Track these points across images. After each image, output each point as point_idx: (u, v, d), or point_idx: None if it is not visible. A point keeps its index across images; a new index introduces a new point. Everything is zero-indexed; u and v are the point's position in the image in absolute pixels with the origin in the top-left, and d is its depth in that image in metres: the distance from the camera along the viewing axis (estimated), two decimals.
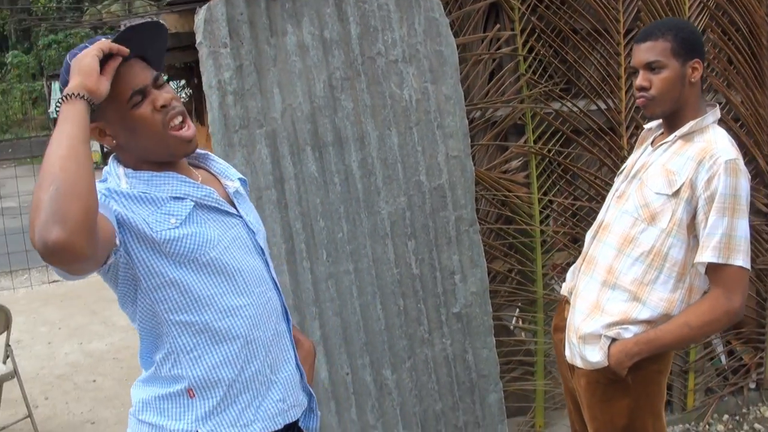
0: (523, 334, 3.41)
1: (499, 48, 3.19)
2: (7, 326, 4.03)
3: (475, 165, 3.11)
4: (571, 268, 2.28)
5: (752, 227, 3.62)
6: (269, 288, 1.62)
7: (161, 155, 1.50)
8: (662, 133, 2.14)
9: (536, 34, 3.21)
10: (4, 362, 4.05)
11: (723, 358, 3.85)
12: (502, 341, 3.20)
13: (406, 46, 2.79)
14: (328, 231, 2.71)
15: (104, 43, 1.38)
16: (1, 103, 32.24)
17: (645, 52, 2.00)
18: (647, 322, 2.01)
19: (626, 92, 3.32)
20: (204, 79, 2.63)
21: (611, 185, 3.30)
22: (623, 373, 2.01)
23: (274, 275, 1.66)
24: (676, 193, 1.95)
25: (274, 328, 1.60)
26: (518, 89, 3.20)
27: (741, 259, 1.90)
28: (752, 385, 3.92)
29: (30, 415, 4.11)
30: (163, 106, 1.46)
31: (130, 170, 1.50)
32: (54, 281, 7.98)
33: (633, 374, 2.02)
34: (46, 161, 1.25)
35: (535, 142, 3.26)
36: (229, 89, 2.61)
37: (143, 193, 1.46)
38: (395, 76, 2.78)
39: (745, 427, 3.74)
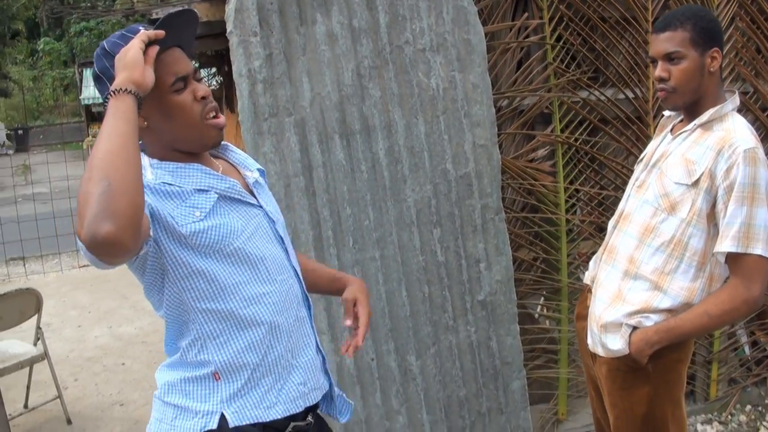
0: (547, 322, 3.43)
1: (527, 36, 3.19)
2: (37, 309, 4.13)
3: (501, 154, 3.12)
4: (594, 257, 2.29)
5: None
6: (290, 275, 1.65)
7: (192, 143, 1.53)
8: (681, 121, 2.13)
9: (564, 23, 3.21)
10: (35, 345, 4.16)
11: (747, 348, 3.84)
12: (526, 329, 3.22)
13: (434, 34, 2.81)
14: (355, 218, 2.75)
15: (144, 33, 1.41)
16: (32, 89, 32.73)
17: (664, 42, 1.98)
18: (668, 311, 2.02)
19: (654, 81, 3.31)
20: (234, 67, 2.67)
21: None
22: (644, 361, 2.02)
23: (295, 263, 1.69)
24: (696, 183, 1.95)
25: (295, 314, 1.63)
26: (546, 78, 3.20)
27: (760, 248, 1.89)
28: None
29: (60, 396, 4.22)
30: (203, 98, 1.50)
31: (155, 161, 1.52)
32: (84, 266, 8.12)
33: (653, 362, 2.04)
34: (95, 155, 1.27)
35: (561, 131, 3.26)
36: (258, 78, 2.65)
37: (168, 185, 1.47)
38: (423, 65, 2.80)
39: None
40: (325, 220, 2.72)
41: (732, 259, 1.94)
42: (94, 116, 25.45)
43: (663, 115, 2.28)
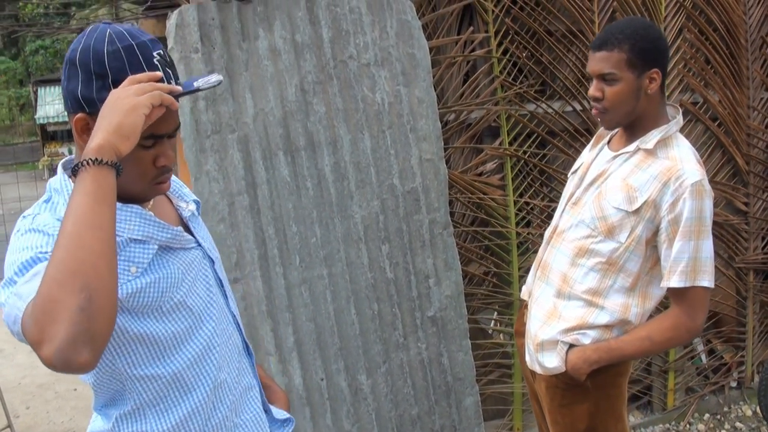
0: (501, 336, 3.41)
1: (473, 50, 3.18)
2: None
3: (450, 167, 3.10)
4: (531, 271, 2.26)
5: (731, 226, 3.65)
6: (230, 323, 1.49)
7: (128, 193, 1.30)
8: (621, 138, 2.06)
9: (510, 36, 3.21)
10: None
11: (703, 357, 3.86)
12: (479, 344, 3.20)
13: (379, 49, 2.78)
14: (301, 236, 2.70)
15: (157, 95, 1.17)
16: None
17: (599, 61, 1.91)
18: (605, 326, 2.00)
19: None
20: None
21: None
22: (582, 379, 2.00)
23: (234, 309, 1.54)
24: (637, 211, 1.91)
25: (237, 367, 1.49)
26: (493, 91, 3.20)
27: (707, 279, 1.89)
28: (733, 384, 3.93)
29: (9, 425, 4.08)
30: (163, 167, 1.31)
31: None
32: None
33: (592, 378, 2.01)
34: (68, 245, 1.04)
35: (510, 144, 3.26)
36: (200, 94, 2.59)
37: None
38: (367, 80, 2.77)
39: (726, 426, 3.75)
40: (271, 238, 2.67)
41: (677, 290, 1.92)
42: (50, 135, 25.03)
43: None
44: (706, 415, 3.83)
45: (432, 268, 2.87)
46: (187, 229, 1.45)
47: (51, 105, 20.67)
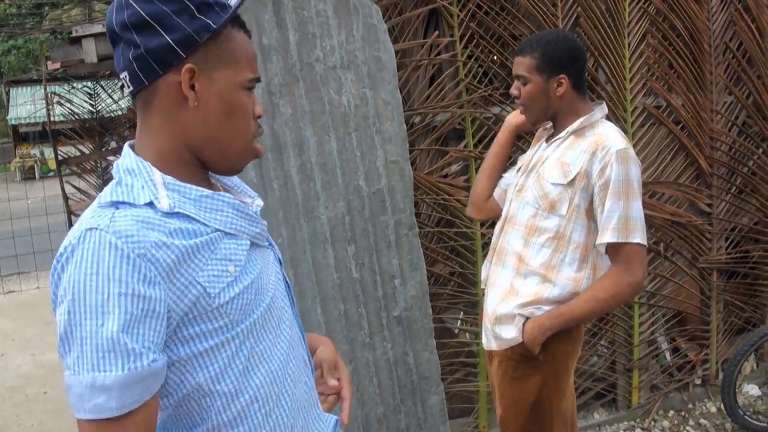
0: (466, 335, 3.45)
1: (438, 54, 3.22)
2: None
3: (416, 169, 3.14)
4: (484, 263, 2.41)
5: (695, 227, 3.72)
6: (297, 331, 1.34)
7: (225, 160, 1.18)
8: (554, 132, 2.30)
9: (476, 40, 3.25)
10: None
11: (667, 355, 3.93)
12: (444, 343, 3.23)
13: (345, 52, 2.81)
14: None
15: None
16: None
17: (517, 65, 2.21)
18: (557, 301, 2.16)
19: None
20: None
21: None
22: (536, 350, 2.16)
23: (297, 315, 1.37)
24: (571, 183, 2.11)
25: (305, 382, 1.31)
26: (458, 94, 3.24)
27: (638, 236, 2.07)
28: (698, 381, 4.00)
29: None
30: (259, 117, 1.22)
31: (170, 178, 1.12)
32: (9, 292, 7.87)
33: (543, 353, 2.17)
34: None
35: (475, 146, 3.30)
36: None
37: (190, 224, 1.10)
38: (334, 82, 2.80)
39: (691, 422, 3.82)
40: None
41: (613, 249, 2.10)
42: (22, 137, 24.68)
43: (539, 128, 2.42)
44: (671, 412, 3.90)
45: (398, 268, 2.90)
46: None
47: (23, 106, 20.36)
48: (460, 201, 3.23)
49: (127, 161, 1.14)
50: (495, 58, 3.32)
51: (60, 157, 5.58)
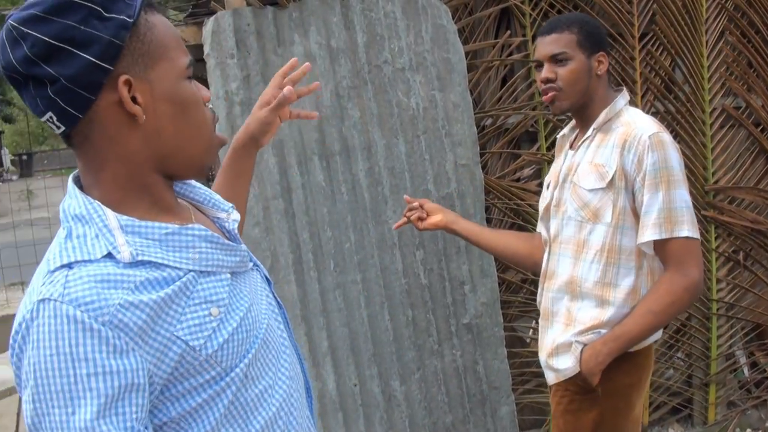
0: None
1: (510, 54, 3.15)
2: None
3: (487, 173, 3.07)
4: (539, 290, 2.20)
5: None
6: (294, 357, 1.20)
7: (193, 161, 1.04)
8: (578, 135, 2.11)
9: None
10: None
11: (746, 370, 3.75)
12: (515, 353, 3.15)
13: (413, 54, 2.77)
14: (336, 241, 2.69)
15: None
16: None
17: (550, 44, 1.98)
18: (619, 321, 1.94)
19: (642, 97, 3.26)
20: (211, 90, 2.64)
21: None
22: (595, 380, 1.93)
23: (292, 337, 1.24)
24: (611, 184, 1.91)
25: (306, 417, 1.18)
26: (530, 95, 3.15)
27: (686, 229, 1.85)
28: None
29: None
30: (207, 102, 1.07)
31: (126, 218, 0.95)
32: None
33: (602, 385, 1.94)
34: None
35: (548, 149, 3.21)
36: (236, 99, 2.61)
37: (157, 270, 0.93)
38: (402, 84, 2.75)
39: None
40: (305, 242, 2.67)
41: (660, 248, 1.88)
42: None
43: (557, 137, 2.24)
44: (748, 430, 3.72)
45: (467, 274, 2.84)
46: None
47: None
48: (532, 206, 3.14)
49: (74, 205, 0.96)
50: None
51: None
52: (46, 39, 0.89)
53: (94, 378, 0.85)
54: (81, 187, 1.00)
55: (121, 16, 0.93)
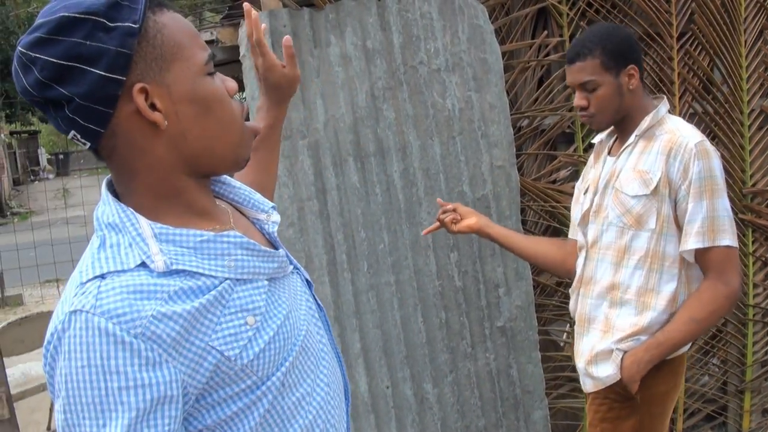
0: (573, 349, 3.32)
1: (547, 54, 3.11)
2: None
3: (523, 174, 3.04)
4: (572, 294, 2.20)
5: None
6: (335, 361, 1.18)
7: (226, 157, 1.01)
8: (616, 141, 2.10)
9: None
10: None
11: None
12: (549, 356, 3.11)
13: (449, 54, 2.75)
14: (369, 242, 2.69)
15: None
16: None
17: (577, 73, 1.99)
18: (660, 328, 1.95)
19: (680, 98, 3.20)
20: (247, 91, 2.65)
21: None
22: (635, 387, 1.93)
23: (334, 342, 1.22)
24: (655, 191, 1.92)
25: (343, 417, 1.15)
26: (567, 96, 3.11)
27: (727, 238, 1.87)
28: None
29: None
30: (235, 94, 1.03)
31: (160, 226, 0.94)
32: None
33: (641, 392, 1.95)
34: None
35: (585, 150, 3.17)
36: None
37: (192, 279, 0.92)
38: (438, 85, 2.74)
39: None
40: (339, 243, 2.66)
41: (701, 256, 1.90)
42: None
43: (593, 143, 2.23)
44: None
45: (502, 277, 2.81)
46: (272, 247, 1.13)
47: None
48: (568, 208, 3.10)
49: (108, 212, 0.95)
50: None
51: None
52: (54, 60, 0.88)
53: (125, 392, 0.84)
54: (115, 194, 1.00)
55: (126, 23, 0.89)
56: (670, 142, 1.90)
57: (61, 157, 26.63)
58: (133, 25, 0.90)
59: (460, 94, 2.76)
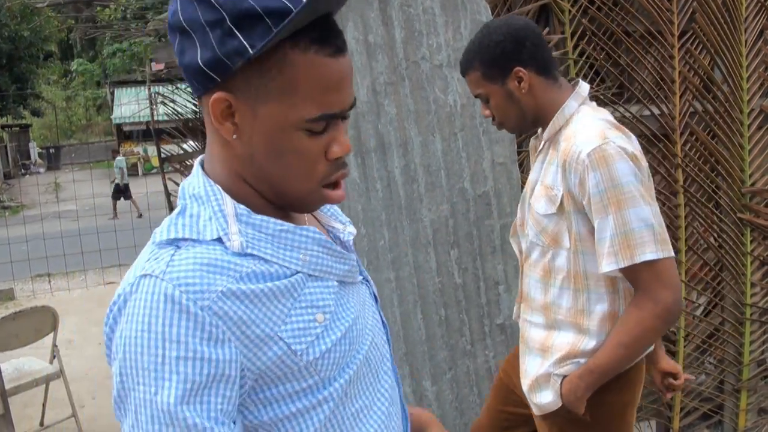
0: None
1: None
2: (53, 327, 4.12)
3: (524, 172, 3.03)
4: (516, 303, 2.10)
5: None
6: (394, 380, 1.14)
7: (284, 200, 0.97)
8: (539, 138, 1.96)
9: (587, 37, 3.12)
10: (51, 362, 4.15)
11: None
12: None
13: (452, 50, 2.74)
14: (370, 238, 2.67)
15: None
16: (65, 109, 33.50)
17: (469, 86, 1.92)
18: (595, 351, 1.80)
19: (681, 97, 3.20)
20: None
21: (663, 194, 3.20)
22: (581, 410, 1.79)
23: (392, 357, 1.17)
24: (561, 209, 1.76)
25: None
26: None
27: (648, 252, 1.63)
28: None
29: (74, 415, 4.21)
30: (336, 159, 0.95)
31: (243, 207, 0.93)
32: (109, 283, 8.15)
33: (594, 411, 1.80)
34: None
35: None
36: None
37: (264, 265, 0.91)
38: (440, 81, 2.73)
39: None
40: None
41: (626, 274, 1.70)
42: (126, 135, 25.87)
43: (531, 139, 2.07)
44: None
45: (502, 274, 2.80)
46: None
47: (127, 106, 21.45)
48: None
49: (195, 184, 0.96)
50: (606, 55, 3.18)
51: (163, 155, 5.71)
52: (181, 17, 0.88)
53: (183, 362, 0.82)
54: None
55: (245, 42, 0.85)
56: (565, 153, 1.72)
57: (52, 151, 26.56)
58: (249, 50, 0.85)
59: (462, 90, 2.74)
